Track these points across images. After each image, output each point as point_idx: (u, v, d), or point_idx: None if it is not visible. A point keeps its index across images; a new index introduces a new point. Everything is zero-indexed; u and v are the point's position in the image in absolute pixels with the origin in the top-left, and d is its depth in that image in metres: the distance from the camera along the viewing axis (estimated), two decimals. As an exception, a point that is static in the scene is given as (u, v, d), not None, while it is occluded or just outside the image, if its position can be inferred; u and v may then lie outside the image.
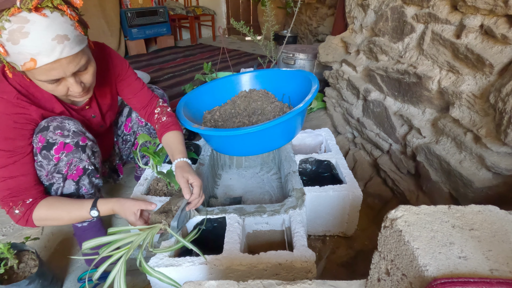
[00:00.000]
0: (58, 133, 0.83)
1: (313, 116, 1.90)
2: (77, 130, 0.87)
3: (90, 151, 0.91)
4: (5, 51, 0.66)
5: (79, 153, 0.87)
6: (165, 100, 1.23)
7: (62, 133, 0.84)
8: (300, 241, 0.83)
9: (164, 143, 1.07)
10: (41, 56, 0.67)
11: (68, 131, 0.85)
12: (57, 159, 0.84)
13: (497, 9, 0.80)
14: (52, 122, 0.84)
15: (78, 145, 0.87)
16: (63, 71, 0.72)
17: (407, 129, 1.20)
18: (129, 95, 1.10)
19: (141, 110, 1.13)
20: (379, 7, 1.28)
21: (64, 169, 0.86)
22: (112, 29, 3.58)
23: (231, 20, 1.94)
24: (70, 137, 0.85)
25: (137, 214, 0.86)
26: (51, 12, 0.67)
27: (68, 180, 0.88)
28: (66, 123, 0.86)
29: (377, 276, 0.52)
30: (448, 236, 0.43)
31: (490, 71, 0.85)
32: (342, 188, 1.04)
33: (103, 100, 1.05)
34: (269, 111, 1.39)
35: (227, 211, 0.96)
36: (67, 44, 0.69)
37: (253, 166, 1.45)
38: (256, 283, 0.56)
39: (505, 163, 0.83)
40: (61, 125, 0.84)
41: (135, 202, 0.87)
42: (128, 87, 1.08)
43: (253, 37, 1.94)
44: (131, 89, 1.09)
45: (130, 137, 1.25)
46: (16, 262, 0.87)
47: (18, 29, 0.64)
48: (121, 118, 1.23)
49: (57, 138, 0.83)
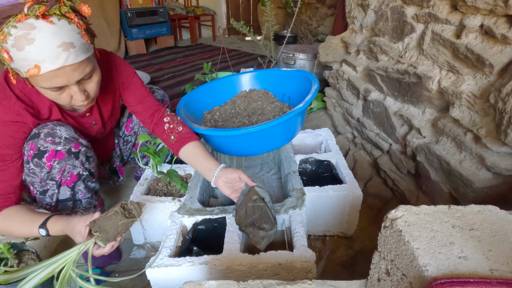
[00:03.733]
0: (49, 140, 0.82)
1: (313, 116, 1.90)
2: (69, 136, 0.85)
3: (84, 157, 0.89)
4: (9, 57, 0.66)
5: (72, 160, 0.85)
6: (166, 101, 1.23)
7: (53, 140, 0.82)
8: (300, 241, 0.83)
9: (190, 153, 1.02)
10: (46, 63, 0.66)
11: (59, 138, 0.83)
12: (50, 166, 0.83)
13: (497, 9, 0.80)
14: (43, 129, 0.82)
15: (71, 151, 0.85)
16: (67, 79, 0.72)
17: (407, 129, 1.20)
18: (134, 103, 1.05)
19: (147, 118, 1.07)
20: (379, 7, 1.28)
21: (57, 176, 0.85)
22: (112, 29, 3.57)
23: (231, 20, 1.95)
24: (62, 144, 0.83)
25: (85, 233, 0.75)
26: (58, 19, 0.67)
27: (62, 186, 0.88)
28: (58, 129, 0.84)
29: (377, 276, 0.52)
30: (448, 236, 0.43)
31: (490, 71, 0.85)
32: (342, 188, 1.04)
33: (105, 107, 1.03)
34: (269, 111, 1.39)
35: (227, 211, 0.96)
36: (72, 52, 0.69)
37: (253, 166, 1.45)
38: (256, 283, 0.56)
39: (505, 163, 0.83)
40: (52, 132, 0.83)
41: (80, 219, 0.77)
42: (132, 95, 1.05)
43: (253, 37, 1.94)
44: (136, 96, 1.05)
45: (131, 137, 1.24)
46: (16, 262, 0.87)
47: (24, 35, 0.64)
48: (122, 119, 1.23)
49: (48, 146, 0.82)
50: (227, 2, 5.38)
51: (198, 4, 5.02)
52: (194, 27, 4.64)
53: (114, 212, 0.76)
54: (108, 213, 0.76)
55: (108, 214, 0.75)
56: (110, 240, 0.75)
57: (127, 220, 0.76)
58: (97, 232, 0.74)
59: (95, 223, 0.74)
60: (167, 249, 0.83)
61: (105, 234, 0.74)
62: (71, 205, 0.93)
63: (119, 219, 0.75)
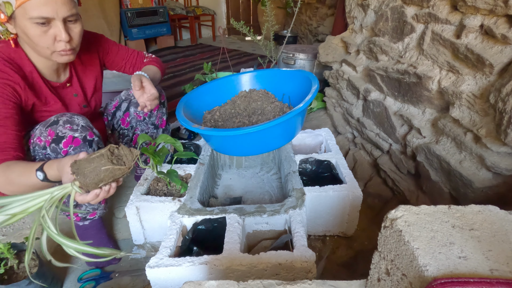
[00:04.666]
0: (68, 127, 0.85)
1: (313, 116, 1.90)
2: (85, 125, 0.89)
3: (97, 147, 0.92)
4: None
5: (86, 147, 0.88)
6: (163, 96, 1.27)
7: (71, 127, 0.86)
8: (300, 241, 0.83)
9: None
10: None
11: (77, 125, 0.87)
12: (65, 152, 0.85)
13: (497, 9, 0.80)
14: (62, 117, 0.86)
15: (86, 139, 0.88)
16: (56, 11, 0.77)
17: (407, 129, 1.20)
18: (121, 63, 1.19)
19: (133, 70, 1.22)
20: (379, 7, 1.28)
21: None
22: (112, 29, 3.58)
23: (231, 20, 1.94)
24: (79, 131, 0.86)
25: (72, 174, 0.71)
26: None
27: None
28: (76, 118, 0.88)
29: (377, 276, 0.52)
30: (448, 236, 0.43)
31: (490, 71, 0.85)
32: (342, 188, 1.04)
33: (87, 81, 1.08)
34: (269, 111, 1.39)
35: (227, 211, 0.96)
36: None
37: (253, 166, 1.45)
38: (256, 283, 0.56)
39: (505, 163, 0.83)
40: (70, 120, 0.87)
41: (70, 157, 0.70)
42: (116, 55, 1.17)
43: (253, 37, 1.94)
44: (121, 55, 1.18)
45: (128, 131, 1.25)
46: (16, 262, 0.87)
47: None
48: (118, 112, 1.24)
49: (67, 132, 0.85)
50: (227, 2, 5.38)
51: (198, 4, 5.02)
52: (194, 27, 4.64)
53: (99, 155, 0.65)
54: (93, 155, 0.65)
55: (92, 155, 0.65)
56: (89, 187, 0.65)
57: (112, 167, 0.64)
58: (75, 174, 0.64)
59: (75, 164, 0.64)
60: (167, 249, 0.83)
61: (83, 178, 0.63)
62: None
63: (103, 163, 0.64)
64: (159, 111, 1.26)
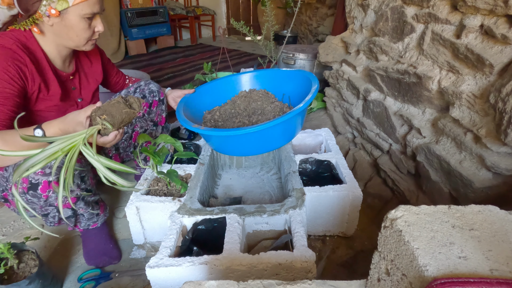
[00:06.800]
0: (39, 172, 0.80)
1: (313, 116, 1.90)
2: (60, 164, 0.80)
3: (79, 179, 0.89)
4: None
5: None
6: (162, 93, 1.28)
7: (43, 171, 0.80)
8: (300, 241, 0.83)
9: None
10: None
11: (49, 168, 0.81)
12: (46, 196, 0.83)
13: (497, 9, 0.80)
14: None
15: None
16: (99, 6, 0.87)
17: (407, 129, 1.20)
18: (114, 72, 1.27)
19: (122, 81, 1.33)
20: (379, 7, 1.28)
21: (55, 202, 0.85)
22: (112, 29, 3.57)
23: (231, 20, 1.94)
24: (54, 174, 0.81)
25: (86, 123, 0.76)
26: None
27: (63, 209, 0.89)
28: None
29: (377, 276, 0.52)
30: (448, 236, 0.43)
31: (490, 71, 0.85)
32: (342, 188, 1.04)
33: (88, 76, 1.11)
34: (269, 111, 1.39)
35: (227, 211, 0.96)
36: None
37: (253, 166, 1.45)
38: (256, 283, 0.56)
39: (505, 163, 0.83)
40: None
41: (79, 111, 0.77)
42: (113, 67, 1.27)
43: (253, 37, 1.94)
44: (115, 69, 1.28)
45: (127, 128, 1.25)
46: (16, 262, 0.87)
47: None
48: None
49: (39, 178, 0.81)
50: (227, 2, 5.37)
51: (198, 4, 5.01)
52: (194, 27, 4.63)
53: (116, 101, 0.77)
54: (111, 102, 0.76)
55: (111, 102, 0.76)
56: (115, 125, 0.76)
57: (129, 110, 0.78)
58: (105, 114, 0.74)
59: (99, 109, 0.75)
60: (167, 249, 0.83)
61: (111, 117, 0.75)
62: (74, 220, 0.97)
63: (122, 107, 0.76)
64: (158, 108, 1.26)
